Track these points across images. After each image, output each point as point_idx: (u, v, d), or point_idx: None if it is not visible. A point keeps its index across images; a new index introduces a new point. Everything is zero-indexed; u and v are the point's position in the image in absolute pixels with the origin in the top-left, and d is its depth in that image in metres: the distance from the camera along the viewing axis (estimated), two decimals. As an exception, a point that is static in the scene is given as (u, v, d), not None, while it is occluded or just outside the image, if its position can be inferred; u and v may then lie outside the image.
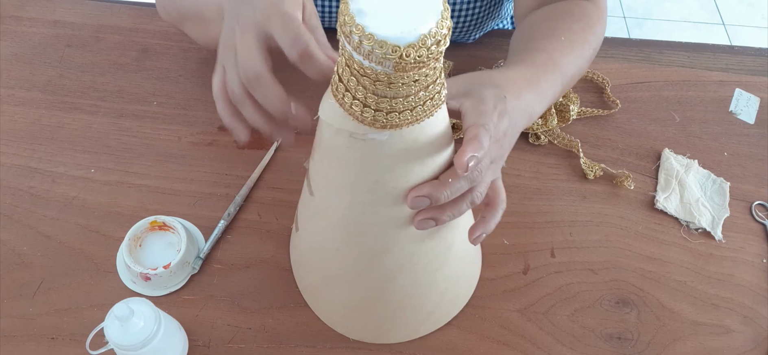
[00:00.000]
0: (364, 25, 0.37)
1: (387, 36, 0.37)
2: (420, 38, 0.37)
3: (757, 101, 0.84)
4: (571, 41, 0.65)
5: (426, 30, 0.37)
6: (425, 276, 0.55)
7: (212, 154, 0.74)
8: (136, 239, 0.65)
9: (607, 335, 0.64)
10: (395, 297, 0.56)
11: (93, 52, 0.84)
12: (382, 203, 0.47)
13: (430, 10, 0.38)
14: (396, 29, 0.37)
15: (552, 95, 0.61)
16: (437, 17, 0.38)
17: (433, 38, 0.37)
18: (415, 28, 0.37)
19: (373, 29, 0.37)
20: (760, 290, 0.68)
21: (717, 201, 0.74)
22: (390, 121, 0.41)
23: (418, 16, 0.37)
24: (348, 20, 0.37)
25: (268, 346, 0.62)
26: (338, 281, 0.57)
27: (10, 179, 0.71)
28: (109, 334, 0.52)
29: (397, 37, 0.37)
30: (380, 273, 0.54)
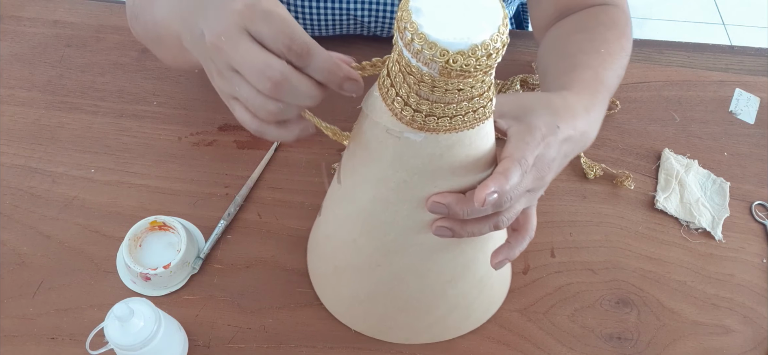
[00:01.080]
0: (419, 24, 0.37)
1: (438, 39, 0.36)
2: (471, 47, 0.36)
3: (757, 101, 0.84)
4: (611, 53, 0.63)
5: (479, 40, 0.37)
6: (435, 286, 0.55)
7: (212, 154, 0.74)
8: (136, 239, 0.65)
9: (607, 335, 0.64)
10: (401, 297, 0.56)
11: (93, 52, 0.84)
12: (405, 203, 0.47)
13: (489, 21, 0.37)
14: (449, 33, 0.37)
15: (602, 118, 0.58)
16: (493, 30, 0.37)
17: (484, 50, 0.37)
18: (469, 36, 0.37)
19: (427, 29, 0.37)
20: (760, 290, 0.68)
21: (717, 201, 0.74)
22: (427, 124, 0.41)
23: (476, 24, 0.37)
24: (405, 16, 0.37)
25: (268, 346, 0.62)
26: (349, 271, 0.57)
27: (10, 178, 0.71)
28: (109, 334, 0.52)
29: (448, 42, 0.36)
30: (391, 271, 0.54)
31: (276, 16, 0.42)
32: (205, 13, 0.45)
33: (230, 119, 0.77)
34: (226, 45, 0.43)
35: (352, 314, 0.62)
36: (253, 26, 0.42)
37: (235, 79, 0.44)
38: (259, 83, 0.42)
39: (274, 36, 0.42)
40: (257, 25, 0.42)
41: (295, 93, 0.42)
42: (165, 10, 0.54)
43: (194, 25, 0.46)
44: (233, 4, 0.43)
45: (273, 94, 0.42)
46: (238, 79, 0.43)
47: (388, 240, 0.51)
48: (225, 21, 0.43)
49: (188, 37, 0.48)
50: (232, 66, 0.43)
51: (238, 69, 0.43)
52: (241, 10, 0.42)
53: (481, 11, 0.38)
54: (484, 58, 0.37)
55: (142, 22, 0.61)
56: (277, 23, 0.42)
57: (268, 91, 0.42)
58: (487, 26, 0.37)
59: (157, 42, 0.59)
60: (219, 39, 0.43)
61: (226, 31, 0.43)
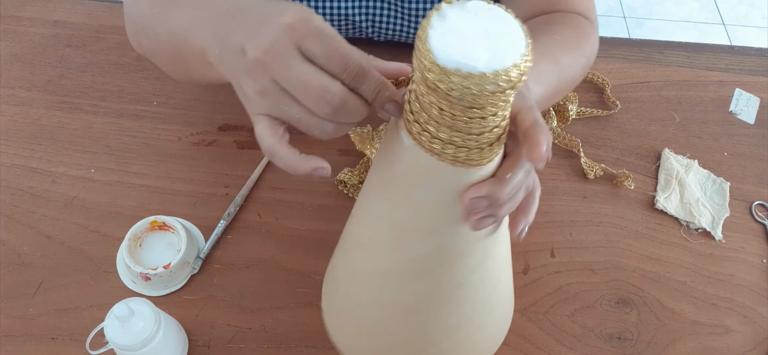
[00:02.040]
0: (432, 30, 0.36)
1: (443, 53, 0.35)
2: (470, 71, 0.35)
3: (757, 101, 0.84)
4: (566, 43, 0.64)
5: (483, 66, 0.35)
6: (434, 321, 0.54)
7: (212, 154, 0.74)
8: (136, 239, 0.65)
9: (607, 335, 0.64)
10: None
11: (93, 52, 0.84)
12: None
13: (508, 49, 0.36)
14: (473, 59, 0.35)
15: (548, 83, 0.59)
16: (504, 63, 0.35)
17: (509, 75, 0.35)
18: (472, 57, 0.35)
19: (434, 41, 0.36)
20: (760, 290, 0.68)
21: (717, 201, 0.74)
22: (412, 129, 0.40)
23: (498, 49, 0.36)
24: (425, 47, 0.36)
25: (268, 346, 0.62)
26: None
27: (10, 179, 0.71)
28: (109, 334, 0.52)
29: (455, 58, 0.35)
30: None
31: (329, 35, 0.40)
32: (247, 27, 0.42)
33: (230, 119, 0.77)
34: (275, 62, 0.40)
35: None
36: (305, 43, 0.40)
37: (284, 99, 0.41)
38: (315, 106, 0.40)
39: (328, 55, 0.40)
40: (309, 43, 0.40)
41: (350, 115, 0.41)
42: (186, 21, 0.51)
43: (229, 38, 0.44)
44: (282, 18, 0.40)
45: (330, 117, 0.41)
46: (288, 99, 0.41)
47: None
48: (273, 35, 0.40)
49: (218, 51, 0.46)
50: (280, 84, 0.41)
51: (291, 90, 0.40)
52: (293, 24, 0.40)
53: (503, 36, 0.37)
54: (510, 81, 0.36)
55: (152, 35, 0.58)
56: (332, 42, 0.40)
57: (326, 115, 0.40)
58: (504, 53, 0.36)
59: (172, 55, 0.56)
60: (266, 55, 0.40)
61: (274, 46, 0.40)
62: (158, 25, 0.56)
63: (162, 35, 0.56)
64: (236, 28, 0.43)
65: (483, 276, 0.51)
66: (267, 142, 0.42)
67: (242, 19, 0.44)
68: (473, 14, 0.37)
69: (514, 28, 0.37)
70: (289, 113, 0.42)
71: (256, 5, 0.44)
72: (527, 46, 0.36)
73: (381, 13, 0.79)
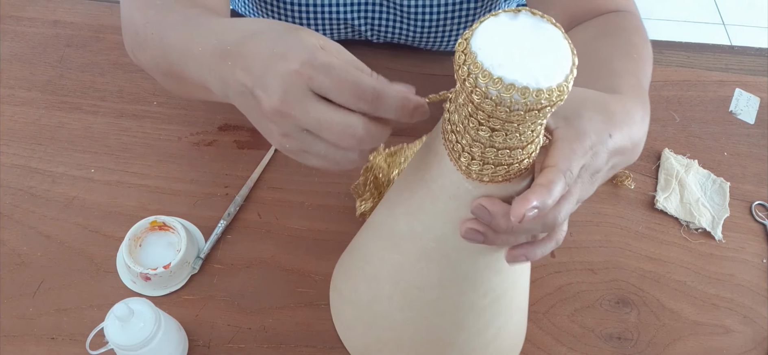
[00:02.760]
0: (477, 45, 0.35)
1: (492, 65, 0.35)
2: (513, 83, 0.35)
3: (757, 101, 0.84)
4: (642, 58, 0.60)
5: (526, 81, 0.35)
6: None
7: (212, 154, 0.74)
8: (136, 239, 0.65)
9: (607, 335, 0.64)
10: None
11: (93, 52, 0.84)
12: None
13: (554, 66, 0.35)
14: (506, 64, 0.35)
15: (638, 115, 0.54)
16: (557, 78, 0.35)
17: (556, 91, 0.35)
18: (520, 73, 0.35)
19: (482, 53, 0.35)
20: (760, 290, 0.68)
21: (717, 201, 0.74)
22: (491, 174, 0.40)
23: (543, 62, 0.35)
24: (470, 58, 0.36)
25: (268, 346, 0.62)
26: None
27: (10, 179, 0.71)
28: (109, 334, 0.52)
29: (507, 73, 0.34)
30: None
31: (336, 67, 0.40)
32: (251, 70, 0.42)
33: (230, 119, 0.77)
34: (293, 110, 0.40)
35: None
36: (315, 83, 0.40)
37: (308, 139, 0.42)
38: (340, 142, 0.41)
39: (340, 88, 0.40)
40: (319, 81, 0.40)
41: (374, 141, 0.42)
42: (180, 48, 0.50)
43: (231, 78, 0.43)
44: (289, 65, 0.40)
45: (355, 148, 0.42)
46: (312, 138, 0.42)
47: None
48: (283, 84, 0.40)
49: (221, 90, 0.46)
50: (303, 128, 0.41)
51: (314, 131, 0.41)
52: (299, 69, 0.40)
53: (549, 53, 0.36)
54: (551, 97, 0.35)
55: (148, 54, 0.57)
56: (340, 73, 0.40)
57: (350, 147, 0.41)
58: (555, 66, 0.36)
59: (170, 76, 0.56)
60: (283, 104, 0.40)
61: (287, 95, 0.40)
62: (153, 47, 0.55)
63: (158, 57, 0.55)
64: (237, 68, 0.43)
65: (510, 293, 0.51)
66: (334, 167, 0.44)
67: (241, 59, 0.43)
68: (520, 27, 0.37)
69: (560, 45, 0.37)
70: (315, 150, 0.42)
71: (250, 42, 0.43)
72: (573, 64, 0.36)
73: (380, 15, 0.79)
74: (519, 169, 0.40)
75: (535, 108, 0.35)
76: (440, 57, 0.85)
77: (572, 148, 0.41)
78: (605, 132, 0.43)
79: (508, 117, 0.36)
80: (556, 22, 0.37)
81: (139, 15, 0.57)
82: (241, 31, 0.45)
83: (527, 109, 0.35)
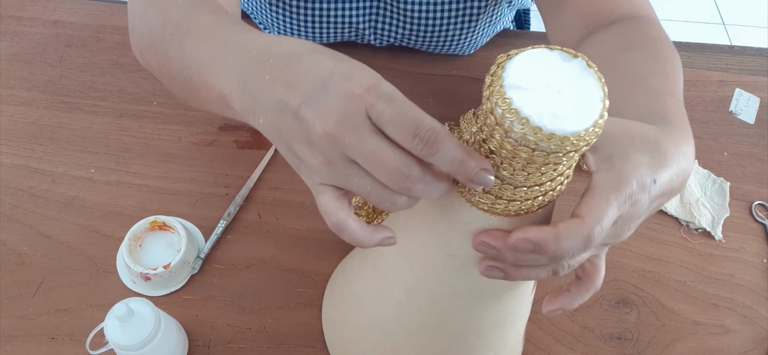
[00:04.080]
0: (507, 80, 0.34)
1: (520, 107, 0.33)
2: (540, 128, 0.33)
3: (757, 101, 0.84)
4: (675, 72, 0.58)
5: (553, 126, 0.33)
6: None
7: (212, 154, 0.74)
8: (136, 239, 0.65)
9: (607, 335, 0.64)
10: None
11: (93, 52, 0.84)
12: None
13: (583, 111, 0.34)
14: (535, 104, 0.33)
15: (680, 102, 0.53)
16: (585, 124, 0.33)
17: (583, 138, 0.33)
18: (550, 118, 0.33)
19: (514, 89, 0.34)
20: (760, 290, 0.68)
21: (717, 201, 0.74)
22: (509, 208, 0.39)
23: (565, 108, 0.34)
24: (501, 93, 0.34)
25: (268, 346, 0.62)
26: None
27: (10, 179, 0.71)
28: (109, 334, 0.52)
29: (534, 115, 0.33)
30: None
31: (400, 99, 0.37)
32: (301, 87, 0.38)
33: (230, 119, 0.77)
34: (348, 136, 0.36)
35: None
36: (375, 111, 0.36)
37: (353, 171, 0.38)
38: (390, 181, 0.37)
39: (399, 121, 0.36)
40: (379, 110, 0.36)
41: (426, 188, 0.38)
42: (205, 55, 0.47)
43: (268, 93, 0.40)
44: (352, 88, 0.37)
45: (405, 191, 0.38)
46: (358, 171, 0.38)
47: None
48: (343, 107, 0.37)
49: (249, 104, 0.42)
50: (351, 159, 0.38)
51: (364, 163, 0.37)
52: (362, 94, 0.37)
53: (580, 94, 0.35)
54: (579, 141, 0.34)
55: (161, 57, 0.53)
56: (402, 107, 0.36)
57: (399, 189, 0.37)
58: (578, 114, 0.34)
59: (183, 84, 0.51)
60: (339, 128, 0.36)
61: (346, 119, 0.36)
62: (170, 48, 0.51)
63: (174, 60, 0.51)
64: (278, 84, 0.39)
65: (514, 315, 0.50)
66: (334, 217, 0.39)
67: (287, 74, 0.39)
68: (548, 63, 0.36)
69: (590, 81, 0.35)
70: (358, 185, 0.39)
71: (301, 60, 0.39)
72: (603, 104, 0.34)
73: (383, 20, 0.79)
74: (532, 206, 0.39)
75: (559, 151, 0.34)
76: (440, 58, 0.85)
77: (608, 200, 0.38)
78: (649, 176, 0.40)
79: (530, 157, 0.34)
80: (591, 63, 0.36)
81: (157, 13, 0.54)
82: (286, 47, 0.41)
83: (551, 151, 0.34)
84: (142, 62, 0.59)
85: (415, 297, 0.47)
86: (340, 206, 0.39)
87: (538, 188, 0.38)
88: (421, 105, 0.37)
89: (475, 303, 0.46)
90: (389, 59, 0.84)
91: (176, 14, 0.52)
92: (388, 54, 0.84)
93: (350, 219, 0.39)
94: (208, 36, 0.48)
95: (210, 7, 0.52)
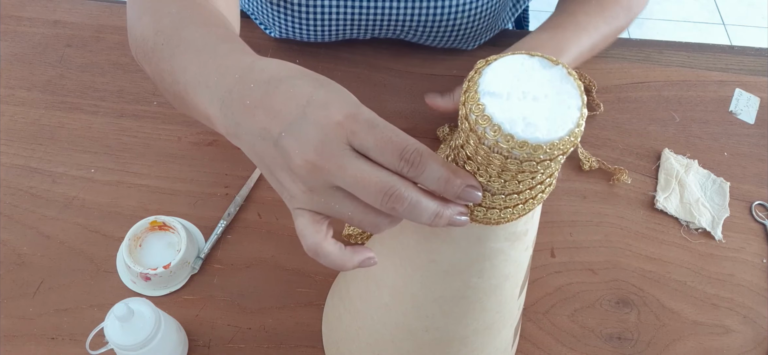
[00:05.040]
0: (482, 88, 0.34)
1: (493, 113, 0.33)
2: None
3: (757, 101, 0.84)
4: (601, 4, 0.65)
5: (526, 134, 0.33)
6: None
7: (212, 154, 0.74)
8: (136, 239, 0.65)
9: (607, 335, 0.64)
10: None
11: (93, 52, 0.84)
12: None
13: (558, 119, 0.33)
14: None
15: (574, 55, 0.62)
16: (559, 133, 0.33)
17: (560, 146, 0.33)
18: (525, 126, 0.33)
19: (489, 96, 0.34)
20: (760, 290, 0.68)
21: (717, 201, 0.74)
22: (489, 217, 0.39)
23: (545, 111, 0.33)
24: (476, 101, 0.34)
25: (268, 346, 0.62)
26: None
27: (10, 178, 0.71)
28: (109, 334, 0.52)
29: (506, 119, 0.33)
30: None
31: (381, 125, 0.37)
32: (280, 115, 0.38)
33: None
34: (329, 164, 0.36)
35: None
36: (356, 139, 0.36)
37: (337, 197, 0.38)
38: (375, 202, 0.37)
39: (382, 146, 0.36)
40: (361, 137, 0.36)
41: (411, 208, 0.37)
42: (191, 74, 0.46)
43: (250, 119, 0.39)
44: (331, 116, 0.37)
45: (392, 212, 0.37)
46: (341, 196, 0.38)
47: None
48: (321, 135, 0.37)
49: (232, 128, 0.42)
50: (334, 185, 0.38)
51: (349, 189, 0.37)
52: (342, 122, 0.36)
53: (558, 101, 0.34)
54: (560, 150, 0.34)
55: (154, 66, 0.52)
56: (385, 132, 0.36)
57: (384, 208, 0.37)
58: (558, 121, 0.34)
59: (174, 96, 0.50)
60: (318, 157, 0.36)
61: (325, 147, 0.36)
62: (161, 60, 0.51)
63: (164, 72, 0.50)
64: (259, 111, 0.39)
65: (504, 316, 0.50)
66: (310, 240, 0.39)
67: (267, 102, 0.39)
68: (526, 70, 0.35)
69: (568, 89, 0.35)
70: (340, 211, 0.38)
71: (281, 86, 0.39)
72: (581, 113, 0.34)
73: (387, 12, 0.78)
74: (512, 214, 0.39)
75: (532, 159, 0.33)
76: (440, 58, 0.85)
77: None
78: None
79: (504, 165, 0.34)
80: (571, 71, 0.36)
81: (150, 21, 0.53)
82: (267, 72, 0.41)
83: (524, 159, 0.34)
84: (138, 63, 0.58)
85: (400, 301, 0.47)
86: (317, 229, 0.39)
87: (517, 197, 0.37)
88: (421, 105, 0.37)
89: (459, 310, 0.46)
90: (389, 59, 0.84)
91: (168, 25, 0.51)
92: (388, 54, 0.84)
93: (326, 243, 0.39)
94: (194, 54, 0.47)
95: (202, 18, 0.51)
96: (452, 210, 0.38)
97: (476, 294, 0.45)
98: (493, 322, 0.49)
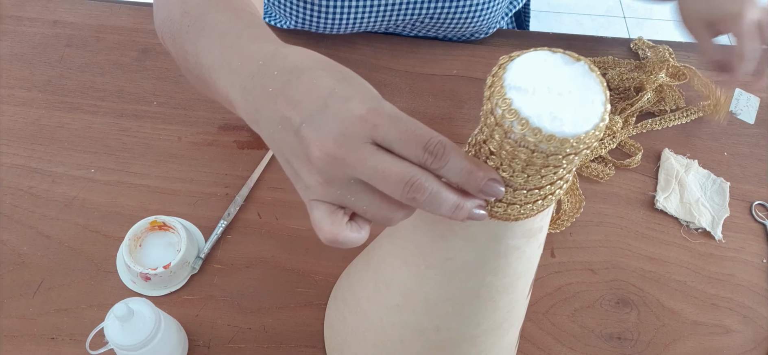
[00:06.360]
0: (509, 83, 0.34)
1: (520, 108, 0.33)
2: (547, 134, 0.33)
3: (757, 101, 0.84)
4: None
5: (553, 127, 0.33)
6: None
7: (212, 154, 0.74)
8: (136, 239, 0.65)
9: (607, 335, 0.64)
10: None
11: (93, 52, 0.84)
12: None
13: (584, 114, 0.34)
14: (535, 106, 0.33)
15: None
16: (585, 127, 0.33)
17: (583, 141, 0.33)
18: (551, 118, 0.33)
19: (515, 90, 0.34)
20: (760, 290, 0.68)
21: (717, 201, 0.74)
22: (509, 213, 0.39)
23: (570, 106, 0.33)
24: (502, 95, 0.34)
25: (268, 346, 0.62)
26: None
27: (10, 178, 0.71)
28: (109, 334, 0.52)
29: (534, 115, 0.33)
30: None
31: (404, 118, 0.37)
32: (302, 105, 0.38)
33: (230, 119, 0.77)
34: (349, 156, 0.36)
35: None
36: (379, 132, 0.36)
37: (354, 190, 0.38)
38: (395, 192, 0.36)
39: (405, 139, 0.36)
40: (383, 131, 0.36)
41: (432, 199, 0.37)
42: (214, 58, 0.46)
43: (270, 107, 0.39)
44: (353, 110, 0.36)
45: (411, 202, 0.37)
46: (359, 189, 0.38)
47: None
48: (344, 128, 0.36)
49: (252, 114, 0.41)
50: (353, 177, 0.37)
51: (368, 180, 0.37)
52: (365, 115, 0.36)
53: (582, 96, 0.34)
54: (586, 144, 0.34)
55: (178, 48, 0.52)
56: (408, 125, 0.36)
57: (404, 198, 0.37)
58: (582, 115, 0.34)
59: (197, 79, 0.51)
60: (338, 149, 0.36)
61: (346, 141, 0.36)
62: (186, 42, 0.51)
63: (189, 54, 0.50)
64: (280, 99, 0.39)
65: (513, 317, 0.50)
66: (328, 231, 0.39)
67: (289, 91, 0.39)
68: (549, 66, 0.35)
69: (591, 85, 0.35)
70: (354, 204, 0.39)
71: (303, 76, 0.39)
72: (605, 108, 0.34)
73: (429, 11, 0.78)
74: (531, 210, 0.39)
75: (559, 153, 0.34)
76: (440, 58, 0.85)
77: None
78: None
79: (529, 159, 0.34)
80: (593, 67, 0.36)
81: (178, 1, 0.53)
82: (290, 60, 0.41)
83: (550, 153, 0.34)
84: (163, 44, 0.58)
85: (413, 301, 0.47)
86: (333, 220, 0.39)
87: (538, 192, 0.37)
88: (421, 105, 0.38)
89: (471, 309, 0.46)
90: (389, 59, 0.84)
91: (195, 6, 0.51)
92: (388, 54, 0.84)
93: (346, 231, 0.39)
94: (218, 37, 0.47)
95: (229, 1, 0.51)
96: (472, 203, 0.37)
97: (489, 293, 0.45)
98: (504, 321, 0.49)
